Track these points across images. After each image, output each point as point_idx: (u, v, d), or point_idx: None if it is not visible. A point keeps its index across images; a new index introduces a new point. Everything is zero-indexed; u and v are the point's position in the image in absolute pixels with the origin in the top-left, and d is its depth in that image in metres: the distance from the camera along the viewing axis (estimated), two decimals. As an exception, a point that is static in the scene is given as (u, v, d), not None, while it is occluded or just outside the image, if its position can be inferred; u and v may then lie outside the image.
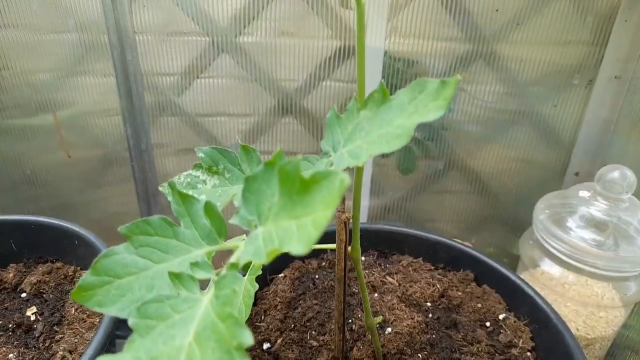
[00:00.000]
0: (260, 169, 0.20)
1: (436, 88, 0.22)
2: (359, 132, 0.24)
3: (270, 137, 0.81)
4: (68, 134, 0.78)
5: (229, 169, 0.28)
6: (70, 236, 0.52)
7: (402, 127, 0.22)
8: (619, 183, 0.54)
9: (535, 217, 0.60)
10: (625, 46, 0.66)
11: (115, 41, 0.69)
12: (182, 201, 0.23)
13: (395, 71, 0.74)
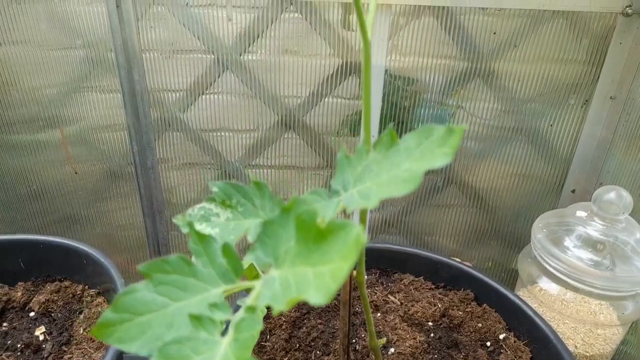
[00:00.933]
0: (277, 214, 0.21)
1: (442, 135, 0.23)
2: (368, 173, 0.25)
3: (273, 152, 0.82)
4: (74, 148, 0.79)
5: (242, 203, 0.29)
6: (79, 255, 0.53)
7: (409, 171, 0.23)
8: (615, 204, 0.56)
9: (534, 235, 0.61)
10: (620, 68, 0.68)
11: (122, 58, 0.70)
12: (199, 240, 0.24)
13: (395, 88, 0.76)
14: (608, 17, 0.66)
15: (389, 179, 0.24)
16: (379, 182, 0.24)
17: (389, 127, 0.25)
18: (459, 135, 0.22)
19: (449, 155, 0.22)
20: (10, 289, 0.54)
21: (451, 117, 0.77)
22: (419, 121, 0.77)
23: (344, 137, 0.81)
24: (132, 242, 0.88)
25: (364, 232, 0.19)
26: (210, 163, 0.81)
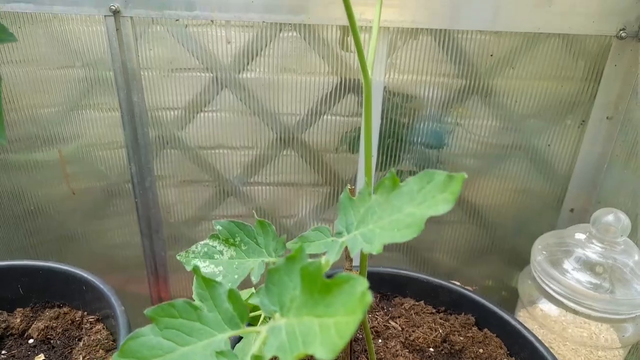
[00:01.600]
0: (283, 263, 0.21)
1: (443, 180, 0.23)
2: (371, 216, 0.25)
3: (271, 169, 0.82)
4: (72, 166, 0.79)
5: (245, 241, 0.29)
6: (78, 281, 0.53)
7: (412, 216, 0.23)
8: (613, 226, 0.56)
9: (533, 257, 0.62)
10: (616, 89, 0.69)
11: (121, 78, 0.71)
12: (205, 285, 0.24)
13: (394, 105, 0.76)
14: (603, 39, 0.67)
15: (391, 222, 0.24)
16: (382, 225, 0.24)
17: (391, 170, 0.25)
18: (460, 183, 0.23)
19: (451, 202, 0.22)
20: (9, 315, 0.54)
21: (449, 135, 0.78)
22: (417, 138, 0.78)
23: (342, 154, 0.81)
24: (129, 261, 0.88)
25: (366, 283, 0.19)
26: (208, 180, 0.81)
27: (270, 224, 0.29)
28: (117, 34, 0.67)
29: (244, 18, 0.66)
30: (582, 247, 0.59)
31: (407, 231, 0.23)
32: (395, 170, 0.25)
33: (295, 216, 0.87)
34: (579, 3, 0.64)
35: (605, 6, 0.64)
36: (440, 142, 0.77)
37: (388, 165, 0.79)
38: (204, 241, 0.30)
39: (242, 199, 0.83)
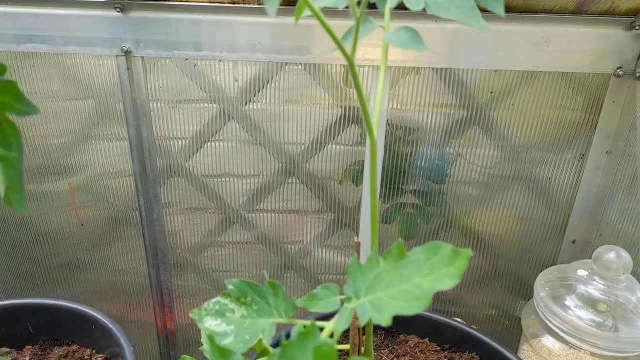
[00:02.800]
0: (296, 339, 0.22)
1: (449, 254, 0.24)
2: (379, 283, 0.26)
3: (275, 197, 0.83)
4: (80, 194, 0.80)
5: (256, 301, 0.30)
6: (87, 320, 0.54)
7: (420, 288, 0.24)
8: (615, 264, 0.57)
9: (536, 293, 0.62)
10: (614, 124, 0.70)
11: (130, 110, 0.72)
12: (220, 355, 0.25)
13: (396, 138, 0.78)
14: (601, 77, 0.69)
15: (399, 292, 0.25)
16: (390, 294, 0.25)
17: (399, 242, 0.26)
18: (465, 259, 0.24)
19: (457, 277, 0.23)
20: (18, 353, 0.54)
21: (451, 165, 0.79)
22: (419, 171, 0.79)
23: (346, 185, 0.83)
24: (134, 289, 0.89)
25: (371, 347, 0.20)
26: (214, 208, 0.83)
27: (280, 285, 0.30)
28: (127, 73, 0.69)
29: (251, 58, 0.68)
30: (585, 283, 0.59)
31: (415, 303, 0.24)
32: (400, 242, 0.26)
33: (299, 243, 0.88)
34: (576, 42, 0.66)
35: (602, 45, 0.66)
36: (441, 176, 0.78)
37: (391, 197, 0.80)
38: (216, 299, 0.31)
39: (246, 226, 0.84)
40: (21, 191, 0.28)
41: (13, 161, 0.27)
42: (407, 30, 0.35)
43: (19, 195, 0.28)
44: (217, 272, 0.89)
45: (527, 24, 0.65)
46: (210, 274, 0.89)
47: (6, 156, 0.27)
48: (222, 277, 0.90)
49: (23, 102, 0.28)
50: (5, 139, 0.28)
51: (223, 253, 0.88)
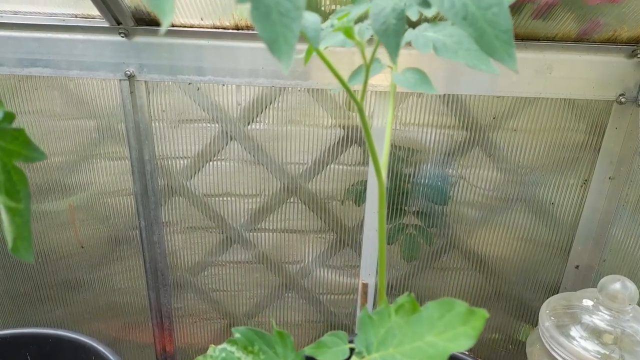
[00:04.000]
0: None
1: (464, 313, 0.24)
2: (391, 339, 0.26)
3: (276, 217, 0.83)
4: (80, 213, 0.79)
5: (264, 350, 0.29)
6: (87, 351, 0.53)
7: (434, 347, 0.24)
8: (621, 294, 0.57)
9: (541, 322, 0.62)
10: (617, 150, 0.70)
11: (132, 131, 0.72)
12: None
13: (399, 159, 0.78)
14: (603, 103, 0.69)
15: (413, 350, 0.24)
16: (403, 351, 0.25)
17: (409, 295, 0.26)
18: (482, 320, 0.23)
19: (473, 337, 0.23)
20: (15, 385, 0.53)
21: (453, 187, 0.79)
22: (422, 193, 0.79)
23: (347, 205, 0.82)
24: (134, 310, 0.88)
25: None
26: (214, 227, 0.82)
27: (289, 335, 0.29)
28: (131, 97, 0.69)
29: (254, 83, 0.68)
30: (590, 314, 0.59)
31: (428, 363, 0.23)
32: (412, 296, 0.26)
33: (300, 262, 0.87)
34: (578, 69, 0.66)
35: (605, 73, 0.66)
36: (444, 198, 0.78)
37: (393, 218, 0.80)
38: (222, 345, 0.30)
39: (247, 246, 0.83)
40: (29, 239, 0.28)
41: (21, 210, 0.27)
42: (415, 72, 0.35)
43: (26, 244, 0.27)
44: (217, 291, 0.89)
45: (530, 51, 0.65)
46: (210, 293, 0.88)
47: (15, 207, 0.27)
48: (222, 297, 0.89)
49: (31, 149, 0.27)
50: (12, 186, 0.27)
51: (223, 272, 0.87)
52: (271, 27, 0.22)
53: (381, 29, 0.26)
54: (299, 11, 0.22)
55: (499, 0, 0.25)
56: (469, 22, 0.24)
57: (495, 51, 0.24)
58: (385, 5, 0.26)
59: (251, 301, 0.90)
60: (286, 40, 0.22)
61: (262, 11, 0.22)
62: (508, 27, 0.25)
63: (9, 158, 0.26)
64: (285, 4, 0.22)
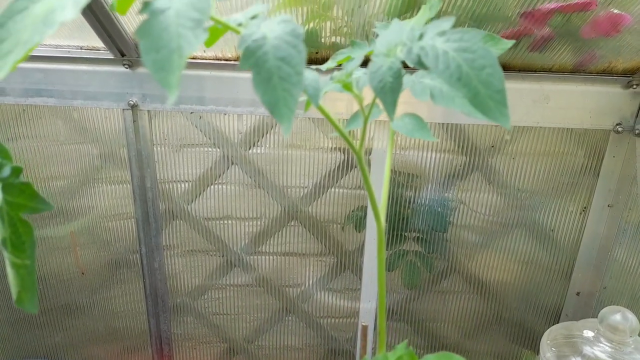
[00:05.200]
0: None
1: (462, 368, 0.24)
2: (390, 391, 0.26)
3: (276, 240, 0.83)
4: (82, 237, 0.79)
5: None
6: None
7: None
8: (621, 326, 0.56)
9: (542, 354, 0.62)
10: (615, 178, 0.71)
11: (135, 159, 0.73)
12: None
13: (398, 184, 0.78)
14: (600, 132, 0.70)
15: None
16: (402, 405, 0.25)
17: (408, 349, 0.26)
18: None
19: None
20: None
21: (453, 212, 0.79)
22: (421, 219, 0.79)
23: (348, 229, 0.83)
24: (133, 336, 0.87)
25: None
26: (215, 251, 0.82)
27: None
28: (133, 126, 0.70)
29: (255, 112, 0.69)
30: (591, 345, 0.59)
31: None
32: (411, 350, 0.26)
33: (300, 286, 0.87)
34: (575, 100, 0.67)
35: (601, 103, 0.67)
36: (444, 224, 0.78)
37: (393, 244, 0.80)
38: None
39: (247, 269, 0.83)
40: (33, 290, 0.28)
41: (27, 264, 0.27)
42: (413, 118, 0.35)
43: (30, 295, 0.28)
44: (217, 315, 0.88)
45: (527, 82, 0.67)
46: (210, 317, 0.88)
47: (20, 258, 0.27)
48: (222, 320, 0.89)
49: (37, 201, 0.28)
50: (18, 238, 0.28)
51: (223, 296, 0.87)
52: (272, 91, 0.23)
53: (378, 86, 0.27)
54: (300, 76, 0.23)
55: (491, 62, 0.26)
56: (463, 82, 0.25)
57: (489, 110, 0.25)
58: (382, 64, 0.27)
59: (251, 325, 0.89)
60: (287, 104, 0.23)
61: (263, 76, 0.23)
62: (501, 87, 0.25)
63: (15, 211, 0.27)
64: (286, 69, 0.23)
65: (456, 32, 0.26)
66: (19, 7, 0.21)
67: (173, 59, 0.20)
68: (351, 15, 0.61)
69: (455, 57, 0.25)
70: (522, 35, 0.60)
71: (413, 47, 0.26)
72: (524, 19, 0.58)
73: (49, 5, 0.20)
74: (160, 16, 0.21)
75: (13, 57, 0.20)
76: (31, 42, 0.20)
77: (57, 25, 0.19)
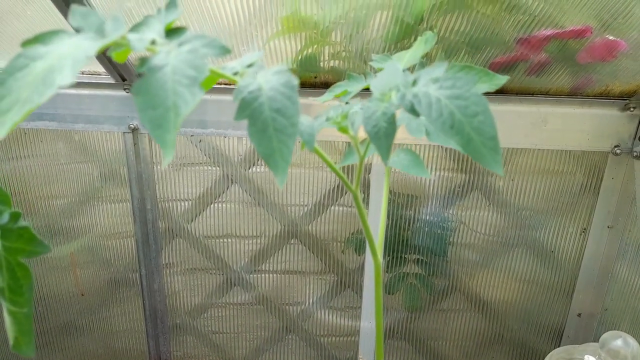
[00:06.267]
0: None
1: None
2: None
3: (277, 258, 0.83)
4: (81, 255, 0.79)
5: None
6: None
7: None
8: (623, 351, 0.56)
9: (544, 379, 0.61)
10: (614, 200, 0.71)
11: (135, 178, 0.73)
12: None
13: (398, 205, 0.78)
14: (599, 154, 0.70)
15: None
16: None
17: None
18: None
19: None
20: None
21: (452, 234, 0.79)
22: (421, 240, 0.79)
23: (349, 253, 0.82)
24: (132, 354, 0.87)
25: None
26: (215, 269, 0.82)
27: None
28: (134, 149, 0.70)
29: (255, 136, 0.69)
30: (592, 371, 0.58)
31: None
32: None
33: (301, 304, 0.87)
34: (573, 122, 0.67)
35: (599, 125, 0.67)
36: (443, 248, 0.78)
37: (393, 267, 0.80)
38: None
39: (247, 287, 0.83)
40: (30, 333, 0.28)
41: (24, 311, 0.27)
42: (408, 154, 0.36)
43: (27, 339, 0.28)
44: (217, 334, 0.88)
45: (525, 105, 0.67)
46: (210, 336, 0.88)
47: (17, 302, 0.27)
48: (222, 339, 0.88)
49: (35, 244, 0.28)
50: (16, 282, 0.28)
51: (223, 315, 0.87)
52: (267, 142, 0.23)
53: (372, 131, 0.27)
54: (295, 128, 0.23)
55: (484, 108, 0.26)
56: (456, 130, 0.25)
57: (483, 157, 0.25)
58: (376, 109, 0.27)
59: (251, 344, 0.89)
60: (282, 156, 0.23)
61: (259, 127, 0.24)
62: (494, 134, 0.26)
63: (13, 256, 0.27)
64: (281, 120, 0.23)
65: (449, 79, 0.26)
66: (19, 64, 0.21)
67: (169, 117, 0.21)
68: (349, 41, 0.62)
69: (447, 104, 0.26)
70: (518, 60, 0.61)
71: (407, 93, 0.26)
72: (520, 45, 0.59)
73: (49, 64, 0.21)
74: (158, 73, 0.21)
75: (12, 115, 0.20)
76: (31, 101, 0.20)
77: (55, 88, 0.20)
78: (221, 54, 0.22)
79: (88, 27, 0.22)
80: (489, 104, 0.26)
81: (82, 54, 0.19)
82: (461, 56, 0.63)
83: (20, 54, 0.22)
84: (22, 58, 0.21)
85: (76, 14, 0.22)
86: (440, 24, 0.57)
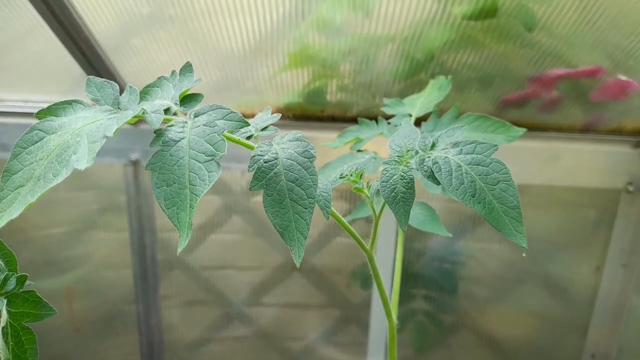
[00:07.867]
0: None
1: None
2: None
3: (278, 290, 0.81)
4: (76, 286, 0.77)
5: None
6: None
7: None
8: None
9: None
10: (628, 238, 0.69)
11: (134, 212, 0.72)
12: None
13: (406, 238, 0.77)
14: (611, 192, 0.69)
15: None
16: None
17: None
18: None
19: None
20: None
21: (462, 268, 0.77)
22: (429, 275, 0.77)
23: (353, 287, 0.81)
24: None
25: None
26: (214, 301, 0.80)
27: None
28: (134, 181, 0.70)
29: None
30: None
31: None
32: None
33: (303, 339, 0.84)
34: (585, 159, 0.67)
35: (611, 162, 0.66)
36: (454, 285, 0.76)
37: (402, 303, 0.78)
38: None
39: (247, 321, 0.81)
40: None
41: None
42: (424, 208, 0.35)
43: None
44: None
45: (537, 141, 0.66)
46: (210, 371, 0.86)
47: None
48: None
49: (41, 307, 0.27)
50: (20, 347, 0.27)
51: (222, 350, 0.84)
52: (284, 214, 0.23)
53: (390, 196, 0.26)
54: (312, 199, 0.23)
55: (506, 177, 0.25)
56: (477, 198, 0.25)
57: (504, 227, 0.25)
58: (394, 173, 0.26)
59: (252, 380, 0.87)
60: (299, 228, 0.23)
61: (275, 198, 0.23)
62: (516, 204, 0.25)
63: (19, 321, 0.26)
64: (298, 191, 0.23)
65: (468, 143, 0.26)
66: (33, 138, 0.21)
67: (185, 194, 0.20)
68: (357, 74, 0.62)
69: (468, 170, 0.25)
70: (530, 97, 0.60)
71: (425, 158, 0.26)
72: (532, 82, 0.59)
73: (64, 140, 0.20)
74: (173, 147, 0.21)
75: (25, 191, 0.20)
76: (45, 179, 0.20)
77: (70, 169, 0.19)
78: (239, 128, 0.21)
79: (104, 99, 0.21)
80: (510, 172, 0.25)
81: (100, 134, 0.19)
82: (472, 92, 0.63)
83: (34, 126, 0.21)
84: (36, 131, 0.21)
85: (92, 84, 0.22)
86: (451, 61, 0.57)
